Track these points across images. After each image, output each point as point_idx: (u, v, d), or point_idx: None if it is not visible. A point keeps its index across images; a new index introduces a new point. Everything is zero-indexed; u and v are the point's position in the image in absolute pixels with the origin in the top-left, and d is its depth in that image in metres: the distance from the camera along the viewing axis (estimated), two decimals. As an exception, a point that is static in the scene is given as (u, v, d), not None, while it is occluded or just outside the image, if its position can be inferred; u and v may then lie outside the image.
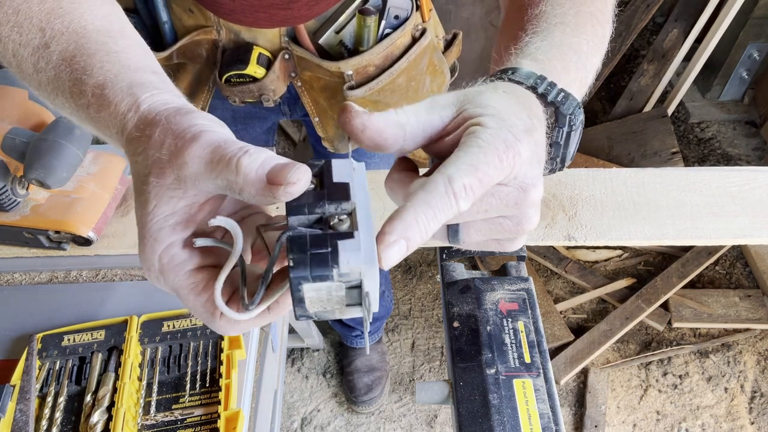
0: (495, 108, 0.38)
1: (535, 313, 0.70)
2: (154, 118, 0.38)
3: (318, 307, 0.34)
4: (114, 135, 0.41)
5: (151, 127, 0.37)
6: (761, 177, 0.81)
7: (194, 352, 0.64)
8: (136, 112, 0.39)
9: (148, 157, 0.36)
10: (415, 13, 0.87)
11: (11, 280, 0.73)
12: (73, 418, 0.60)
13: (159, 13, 0.84)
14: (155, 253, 0.36)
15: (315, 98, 0.93)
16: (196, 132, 0.36)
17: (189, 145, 0.35)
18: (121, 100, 0.40)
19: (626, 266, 2.01)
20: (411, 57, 0.88)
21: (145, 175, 0.36)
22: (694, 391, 1.75)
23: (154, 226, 0.36)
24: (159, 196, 0.36)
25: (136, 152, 0.37)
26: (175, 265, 0.37)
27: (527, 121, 0.39)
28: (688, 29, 2.17)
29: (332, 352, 1.87)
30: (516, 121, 0.38)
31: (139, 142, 0.37)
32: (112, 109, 0.40)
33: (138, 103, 0.39)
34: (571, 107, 0.45)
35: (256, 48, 0.84)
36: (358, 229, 0.33)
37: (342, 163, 0.36)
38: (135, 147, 0.38)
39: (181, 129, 0.36)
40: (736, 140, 2.34)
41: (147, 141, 0.37)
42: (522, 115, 0.39)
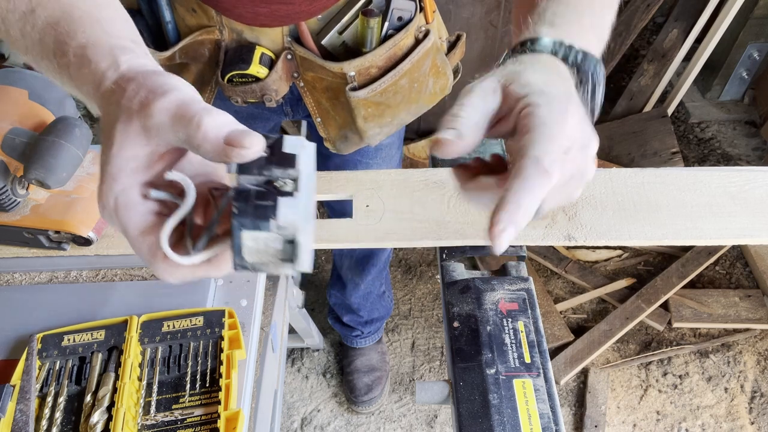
0: (536, 84, 0.43)
1: (535, 313, 0.70)
2: (131, 75, 0.41)
3: (255, 257, 0.38)
4: (91, 91, 0.43)
5: (127, 82, 0.40)
6: (761, 177, 0.81)
7: (194, 352, 0.64)
8: (116, 70, 0.42)
9: (120, 106, 0.40)
10: (418, 15, 0.87)
11: (11, 280, 0.73)
12: (73, 418, 0.60)
13: (162, 13, 0.84)
14: (112, 191, 0.39)
15: (317, 99, 0.93)
16: (166, 89, 0.39)
17: (158, 98, 0.38)
18: (102, 59, 0.43)
19: (626, 266, 2.01)
20: (414, 59, 0.88)
21: (113, 122, 0.40)
22: (694, 391, 1.75)
23: (114, 167, 0.39)
24: (123, 140, 0.39)
25: (109, 102, 0.41)
26: (129, 206, 0.40)
27: (563, 87, 0.44)
28: (688, 29, 2.17)
29: (332, 352, 1.87)
30: (555, 91, 0.43)
31: (113, 94, 0.41)
32: (92, 67, 0.43)
33: (118, 63, 0.42)
34: (591, 65, 0.49)
35: (259, 48, 0.84)
36: (299, 191, 0.37)
37: (294, 139, 0.39)
38: (108, 98, 0.41)
39: (154, 85, 0.39)
40: (736, 140, 2.34)
41: (121, 93, 0.40)
42: (557, 83, 0.44)
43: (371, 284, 1.54)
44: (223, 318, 0.65)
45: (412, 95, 0.91)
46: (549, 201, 0.43)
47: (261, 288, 0.74)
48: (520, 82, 0.43)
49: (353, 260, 1.46)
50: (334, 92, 0.90)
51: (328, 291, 1.65)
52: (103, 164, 0.40)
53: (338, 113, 0.93)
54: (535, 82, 0.43)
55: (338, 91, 0.89)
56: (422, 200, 0.79)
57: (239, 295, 0.72)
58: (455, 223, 0.76)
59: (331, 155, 1.10)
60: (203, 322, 0.65)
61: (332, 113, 0.94)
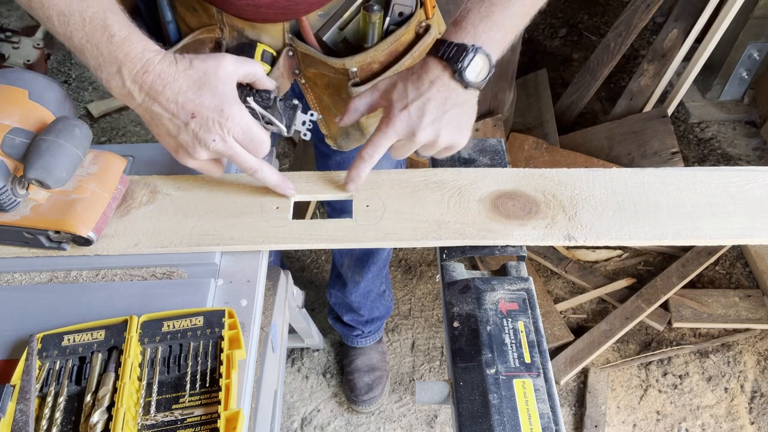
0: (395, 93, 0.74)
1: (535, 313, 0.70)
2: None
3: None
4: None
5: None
6: (761, 177, 0.81)
7: (194, 352, 0.64)
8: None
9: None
10: (419, 10, 0.87)
11: (11, 280, 0.73)
12: (73, 418, 0.60)
13: (163, 13, 0.84)
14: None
15: (319, 95, 0.93)
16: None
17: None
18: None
19: (626, 266, 2.01)
20: (415, 53, 0.88)
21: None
22: (694, 391, 1.75)
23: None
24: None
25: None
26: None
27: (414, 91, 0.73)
28: (688, 29, 2.17)
29: (332, 352, 1.87)
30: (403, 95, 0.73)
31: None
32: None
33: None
34: (462, 57, 0.69)
35: (260, 45, 0.84)
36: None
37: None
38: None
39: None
40: (736, 140, 2.34)
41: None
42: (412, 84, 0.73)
43: (371, 282, 1.54)
44: (223, 318, 0.65)
45: None
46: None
47: (261, 288, 0.74)
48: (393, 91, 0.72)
49: (353, 258, 1.46)
50: (336, 88, 0.90)
51: (328, 290, 1.65)
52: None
53: (340, 109, 0.93)
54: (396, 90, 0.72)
55: (340, 87, 0.90)
56: (422, 200, 0.78)
57: (239, 295, 0.72)
58: (455, 223, 0.76)
59: (331, 153, 1.10)
60: (203, 322, 0.65)
61: (334, 109, 0.94)
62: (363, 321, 1.67)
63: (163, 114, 0.65)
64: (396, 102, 0.71)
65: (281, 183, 0.76)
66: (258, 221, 0.76)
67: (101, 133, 2.47)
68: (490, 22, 0.70)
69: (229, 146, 0.67)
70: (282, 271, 1.10)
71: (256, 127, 0.68)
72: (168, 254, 0.74)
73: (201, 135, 0.65)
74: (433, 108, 0.70)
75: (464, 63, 0.68)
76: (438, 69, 0.70)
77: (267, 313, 1.00)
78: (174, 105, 0.64)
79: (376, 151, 0.74)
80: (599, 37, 2.68)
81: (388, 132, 0.72)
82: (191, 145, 0.67)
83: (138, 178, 0.81)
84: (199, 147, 0.67)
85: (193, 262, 0.74)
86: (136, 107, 0.66)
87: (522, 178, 0.81)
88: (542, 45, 2.80)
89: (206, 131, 0.65)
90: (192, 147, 0.67)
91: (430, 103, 0.70)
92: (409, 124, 0.71)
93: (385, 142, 0.73)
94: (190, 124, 0.65)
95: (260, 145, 0.69)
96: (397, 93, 0.72)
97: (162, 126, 0.67)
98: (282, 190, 0.76)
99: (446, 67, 0.69)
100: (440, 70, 0.70)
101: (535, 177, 0.82)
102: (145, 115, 0.67)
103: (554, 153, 2.15)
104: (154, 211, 0.77)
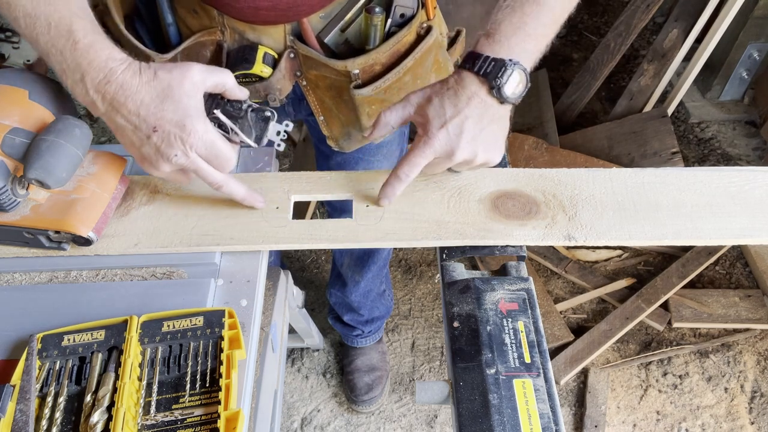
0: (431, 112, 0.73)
1: (535, 313, 0.70)
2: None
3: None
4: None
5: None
6: (761, 177, 0.81)
7: (194, 352, 0.64)
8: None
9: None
10: (420, 11, 0.87)
11: (11, 280, 0.73)
12: (73, 418, 0.60)
13: (164, 15, 0.84)
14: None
15: (320, 97, 0.93)
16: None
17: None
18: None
19: (626, 266, 2.01)
20: (417, 55, 0.88)
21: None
22: (694, 391, 1.75)
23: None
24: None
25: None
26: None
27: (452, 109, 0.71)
28: (688, 29, 2.17)
29: (332, 352, 1.87)
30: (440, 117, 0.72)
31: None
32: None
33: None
34: (498, 70, 0.67)
35: (261, 47, 0.83)
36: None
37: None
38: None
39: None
40: (736, 140, 2.34)
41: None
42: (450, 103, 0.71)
43: (371, 282, 1.54)
44: (223, 318, 0.65)
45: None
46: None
47: (261, 288, 0.74)
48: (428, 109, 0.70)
49: (353, 258, 1.46)
50: (338, 90, 0.90)
51: (328, 290, 1.65)
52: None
53: (342, 111, 0.93)
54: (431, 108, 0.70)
55: (342, 89, 0.89)
56: (422, 200, 0.78)
57: (239, 295, 0.72)
58: (455, 223, 0.76)
59: (332, 154, 1.10)
60: (203, 322, 0.65)
61: (335, 111, 0.94)
62: (363, 321, 1.67)
63: (125, 125, 0.64)
64: (433, 119, 0.69)
65: (248, 197, 0.74)
66: (258, 221, 0.76)
67: (101, 133, 2.47)
68: (522, 33, 0.69)
69: (192, 161, 0.65)
70: (282, 271, 1.10)
71: (221, 143, 0.66)
72: (168, 254, 0.74)
73: (163, 149, 0.64)
74: (471, 126, 0.68)
75: (503, 79, 0.67)
76: (475, 84, 0.68)
77: (267, 313, 1.00)
78: (136, 117, 0.63)
79: (412, 170, 0.71)
80: (599, 37, 2.68)
81: (426, 151, 0.69)
82: (154, 158, 0.65)
83: (138, 178, 0.81)
84: (161, 160, 0.65)
85: (193, 262, 0.74)
86: (100, 116, 0.65)
87: (522, 178, 0.81)
88: (542, 45, 2.80)
89: (168, 146, 0.64)
90: (155, 160, 0.65)
91: (468, 120, 0.68)
92: (448, 143, 0.69)
93: (423, 161, 0.70)
94: (152, 137, 0.63)
95: (225, 161, 0.67)
96: (434, 109, 0.69)
97: (125, 137, 0.66)
98: (250, 203, 0.75)
99: (483, 82, 0.68)
100: (477, 86, 0.68)
101: (535, 177, 0.82)
102: (109, 124, 0.66)
103: (554, 153, 2.15)
104: (154, 211, 0.77)
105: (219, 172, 0.68)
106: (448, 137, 0.69)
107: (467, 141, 0.69)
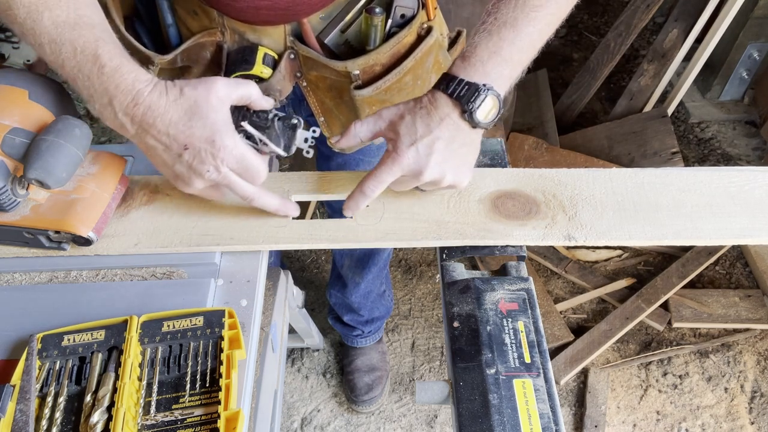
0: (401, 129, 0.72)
1: (535, 313, 0.70)
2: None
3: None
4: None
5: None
6: (761, 177, 0.81)
7: (194, 352, 0.64)
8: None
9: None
10: (420, 12, 0.87)
11: (11, 280, 0.73)
12: (73, 418, 0.60)
13: (164, 16, 0.83)
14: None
15: (321, 98, 0.93)
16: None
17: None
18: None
19: (626, 266, 2.01)
20: (417, 56, 0.88)
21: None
22: (694, 391, 1.75)
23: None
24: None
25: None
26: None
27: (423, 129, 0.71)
28: (688, 29, 2.17)
29: (332, 352, 1.87)
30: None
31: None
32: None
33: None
34: (471, 95, 0.67)
35: (261, 48, 0.83)
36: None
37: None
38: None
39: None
40: (736, 140, 2.34)
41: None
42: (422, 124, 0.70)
43: (372, 283, 1.54)
44: (223, 318, 0.65)
45: (415, 92, 0.92)
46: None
47: (261, 288, 0.74)
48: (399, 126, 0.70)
49: (354, 259, 1.46)
50: (338, 91, 0.90)
51: (328, 290, 1.65)
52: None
53: (342, 112, 0.93)
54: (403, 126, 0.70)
55: (342, 90, 0.89)
56: (422, 200, 0.78)
57: (239, 295, 0.72)
58: (455, 223, 0.76)
59: (333, 155, 1.10)
60: (203, 322, 0.65)
61: (336, 112, 0.94)
62: (363, 321, 1.67)
63: (156, 146, 0.64)
64: (404, 136, 0.69)
65: (282, 207, 0.74)
66: (258, 221, 0.76)
67: (101, 133, 2.47)
68: (498, 57, 0.68)
69: (224, 176, 0.66)
70: (282, 271, 1.10)
71: (251, 155, 0.66)
72: (168, 254, 0.74)
73: (195, 166, 0.64)
74: (441, 147, 0.68)
75: (476, 104, 0.67)
76: (448, 107, 0.68)
77: (267, 313, 1.00)
78: (166, 137, 0.63)
79: (378, 186, 0.71)
80: (599, 37, 2.68)
81: (393, 168, 0.69)
82: (187, 175, 0.66)
83: (138, 178, 0.81)
84: (194, 177, 0.66)
85: (193, 262, 0.74)
86: (131, 137, 0.65)
87: (522, 178, 0.81)
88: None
89: (200, 162, 0.64)
90: (188, 177, 0.66)
91: (439, 141, 0.68)
92: (417, 162, 0.69)
93: (389, 178, 0.70)
94: (184, 155, 0.64)
95: (256, 173, 0.67)
96: (405, 126, 0.69)
97: (157, 156, 0.66)
98: (284, 213, 0.75)
99: (456, 105, 0.68)
100: (450, 108, 0.68)
101: (535, 177, 0.82)
102: (140, 146, 0.66)
103: (554, 153, 2.15)
104: (154, 211, 0.77)
105: (251, 184, 0.69)
106: (417, 156, 0.68)
107: (436, 162, 0.68)
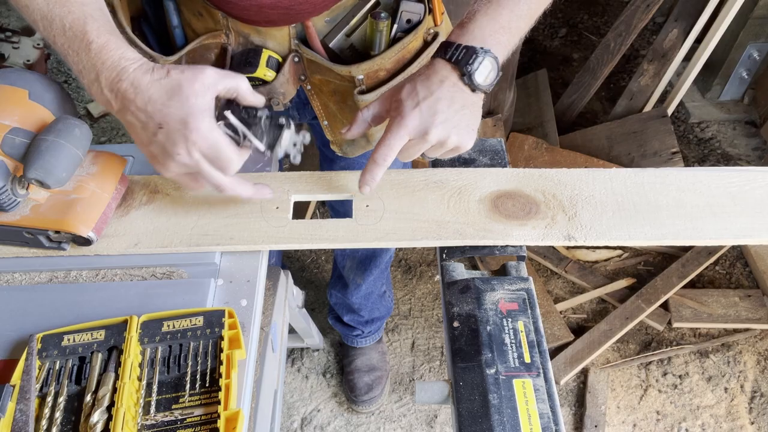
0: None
1: (535, 313, 0.70)
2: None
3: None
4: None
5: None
6: (761, 177, 0.81)
7: (194, 352, 0.64)
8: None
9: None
10: (427, 17, 0.86)
11: (11, 280, 0.73)
12: (73, 418, 0.60)
13: (170, 18, 0.83)
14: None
15: (324, 102, 0.92)
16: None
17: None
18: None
19: (626, 266, 2.01)
20: (423, 61, 0.87)
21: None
22: (694, 391, 1.75)
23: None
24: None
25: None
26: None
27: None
28: (688, 29, 2.17)
29: (332, 352, 1.87)
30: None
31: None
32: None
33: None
34: (470, 58, 0.69)
35: (266, 51, 0.83)
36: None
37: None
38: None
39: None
40: (736, 140, 2.34)
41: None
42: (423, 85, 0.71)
43: (373, 285, 1.54)
44: (223, 318, 0.65)
45: None
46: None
47: (261, 288, 0.74)
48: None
49: (355, 261, 1.46)
50: (342, 95, 0.90)
51: (328, 291, 1.65)
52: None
53: (346, 116, 0.93)
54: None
55: (346, 94, 0.89)
56: (422, 200, 0.78)
57: (239, 295, 0.72)
58: (455, 223, 0.76)
59: (336, 158, 1.10)
60: (203, 322, 0.65)
61: (339, 116, 0.94)
62: (363, 321, 1.67)
63: (135, 122, 0.64)
64: (406, 100, 0.69)
65: (256, 194, 0.73)
66: (258, 221, 0.76)
67: (101, 133, 2.47)
68: (496, 24, 0.69)
69: (195, 161, 0.64)
70: (282, 271, 1.10)
71: (224, 143, 0.65)
72: (168, 254, 0.74)
73: (167, 147, 0.63)
74: (444, 107, 0.68)
75: (473, 66, 0.67)
76: (446, 70, 0.69)
77: (267, 313, 1.00)
78: (143, 114, 0.63)
79: (389, 152, 0.71)
80: (599, 37, 2.68)
81: (400, 131, 0.69)
82: (161, 156, 0.65)
83: (138, 178, 0.81)
84: (167, 159, 0.65)
85: (193, 262, 0.74)
86: (115, 114, 0.65)
87: (522, 178, 0.81)
88: (542, 45, 2.80)
89: (172, 143, 0.63)
90: (162, 158, 0.65)
91: (441, 102, 0.68)
92: (421, 122, 0.69)
93: (398, 142, 0.70)
94: (158, 134, 0.63)
95: (228, 162, 0.66)
96: (406, 92, 0.70)
97: (136, 134, 0.66)
98: (260, 197, 0.75)
99: (454, 69, 0.69)
100: (449, 71, 0.69)
101: (535, 177, 0.82)
102: (123, 123, 0.66)
103: (554, 153, 2.15)
104: (154, 211, 0.77)
105: (222, 173, 0.68)
106: (421, 116, 0.69)
107: (441, 121, 0.69)
